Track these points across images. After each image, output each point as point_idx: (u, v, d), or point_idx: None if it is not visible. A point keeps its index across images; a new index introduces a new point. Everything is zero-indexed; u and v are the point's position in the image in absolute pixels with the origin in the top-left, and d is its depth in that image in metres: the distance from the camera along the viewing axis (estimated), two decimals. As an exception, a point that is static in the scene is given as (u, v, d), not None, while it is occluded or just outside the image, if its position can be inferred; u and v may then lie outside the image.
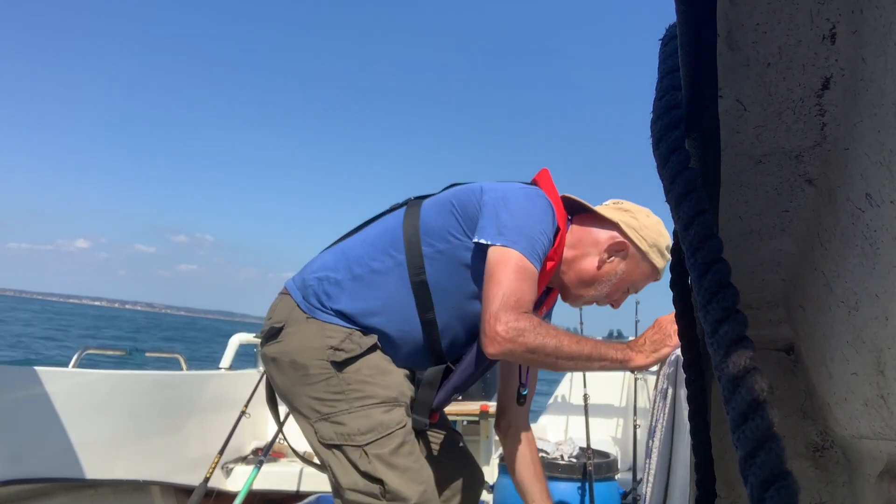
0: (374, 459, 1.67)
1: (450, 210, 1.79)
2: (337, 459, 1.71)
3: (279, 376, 1.80)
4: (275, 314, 1.84)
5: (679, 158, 0.51)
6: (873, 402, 0.61)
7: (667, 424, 2.19)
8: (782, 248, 0.75)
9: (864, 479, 0.78)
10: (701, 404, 0.75)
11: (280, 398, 1.87)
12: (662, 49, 0.62)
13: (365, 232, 1.92)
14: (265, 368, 1.90)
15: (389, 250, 1.80)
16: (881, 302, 0.54)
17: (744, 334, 0.41)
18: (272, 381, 1.87)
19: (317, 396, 1.73)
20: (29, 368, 2.95)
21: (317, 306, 1.78)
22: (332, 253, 1.90)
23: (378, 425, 1.69)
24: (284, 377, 1.78)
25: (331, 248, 1.95)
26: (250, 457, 4.41)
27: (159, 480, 3.55)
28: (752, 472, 0.35)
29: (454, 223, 1.77)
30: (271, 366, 1.82)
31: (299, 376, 1.74)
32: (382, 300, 1.77)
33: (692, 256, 0.46)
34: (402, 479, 1.67)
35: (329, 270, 1.83)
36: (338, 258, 1.86)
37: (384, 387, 1.72)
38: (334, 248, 1.92)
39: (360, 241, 1.88)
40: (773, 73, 0.54)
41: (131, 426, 3.42)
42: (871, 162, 0.49)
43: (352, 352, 1.72)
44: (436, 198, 1.88)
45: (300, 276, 1.89)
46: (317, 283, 1.81)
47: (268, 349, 1.81)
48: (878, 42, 0.45)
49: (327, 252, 1.93)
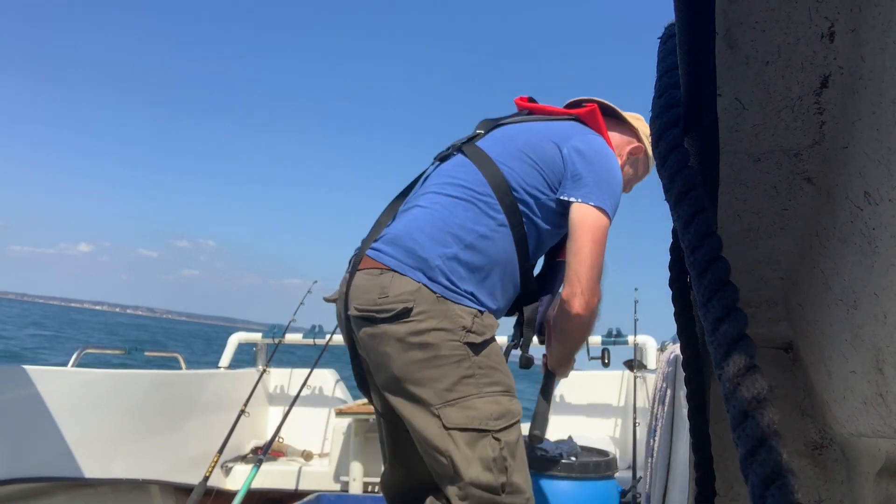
0: (505, 446, 1.66)
1: (531, 165, 1.83)
2: (462, 447, 1.64)
3: (400, 358, 1.68)
4: (393, 292, 1.70)
5: (678, 157, 0.51)
6: (872, 400, 0.61)
7: (666, 423, 2.19)
8: (781, 246, 0.75)
9: (863, 477, 0.78)
10: (700, 403, 0.75)
11: (387, 383, 1.74)
12: (661, 47, 0.62)
13: (445, 192, 1.83)
14: (372, 350, 1.74)
15: (488, 211, 1.79)
16: (880, 300, 0.54)
17: (744, 332, 0.41)
18: (382, 364, 1.72)
19: (445, 380, 1.67)
20: (29, 367, 2.95)
21: (447, 286, 1.71)
22: (426, 222, 1.78)
23: (507, 412, 1.69)
24: (408, 359, 1.68)
25: (410, 211, 1.84)
26: (249, 456, 4.41)
27: (158, 479, 3.55)
28: (752, 470, 0.35)
29: (540, 180, 1.83)
30: (392, 346, 1.69)
31: (428, 357, 1.66)
32: (494, 264, 1.78)
33: (692, 255, 0.46)
34: (521, 472, 1.68)
35: (442, 245, 1.74)
36: (438, 228, 1.76)
37: (507, 375, 1.75)
38: (418, 214, 1.81)
39: (450, 204, 1.79)
40: (771, 71, 0.54)
41: (130, 425, 3.43)
42: (870, 160, 0.49)
43: (483, 335, 1.71)
44: (502, 148, 1.87)
45: (409, 252, 1.74)
46: (442, 262, 1.72)
47: (391, 328, 1.68)
48: (877, 40, 0.45)
49: (415, 220, 1.80)
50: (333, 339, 4.65)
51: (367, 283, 1.75)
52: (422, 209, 1.82)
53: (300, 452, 4.55)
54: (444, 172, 1.90)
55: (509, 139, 1.90)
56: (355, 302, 1.75)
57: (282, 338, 4.77)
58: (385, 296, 1.70)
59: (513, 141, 1.89)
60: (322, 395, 5.15)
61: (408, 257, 1.73)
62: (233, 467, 4.18)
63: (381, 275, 1.73)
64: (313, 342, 4.80)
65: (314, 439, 4.83)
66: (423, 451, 1.71)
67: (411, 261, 1.72)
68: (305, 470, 4.32)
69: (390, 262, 1.74)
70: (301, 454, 4.54)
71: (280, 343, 4.79)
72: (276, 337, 4.82)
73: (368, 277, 1.76)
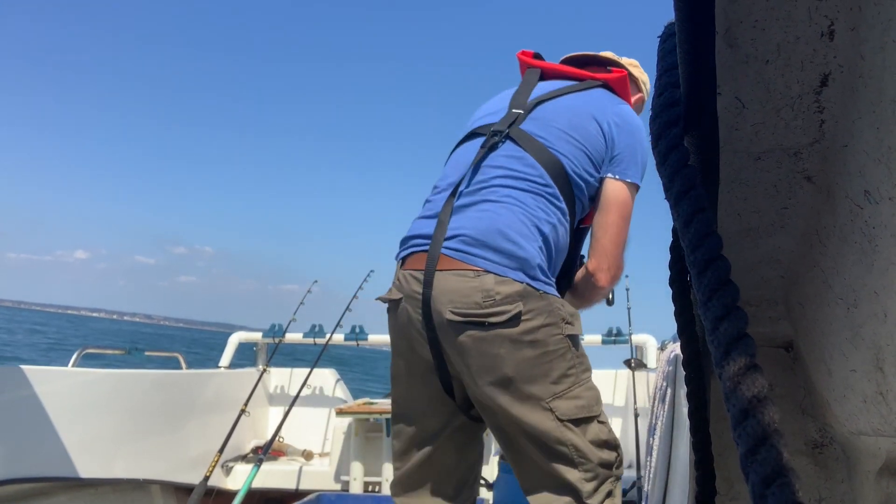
0: (607, 425, 1.75)
1: (579, 148, 1.82)
2: (579, 434, 1.69)
3: (513, 358, 1.66)
4: (500, 295, 1.66)
5: (678, 156, 0.51)
6: (872, 398, 0.61)
7: (666, 422, 2.19)
8: (781, 245, 0.75)
9: (863, 475, 0.78)
10: (700, 401, 0.75)
11: (496, 385, 1.69)
12: (661, 46, 0.62)
13: (511, 185, 1.77)
14: (478, 353, 1.68)
15: (554, 202, 1.78)
16: (880, 299, 0.54)
17: (744, 331, 0.41)
18: (491, 367, 1.68)
19: (553, 373, 1.69)
20: (29, 368, 2.95)
21: (545, 280, 1.72)
22: (510, 218, 1.73)
23: (599, 396, 1.78)
24: (520, 357, 1.67)
25: (480, 207, 1.76)
26: (250, 455, 4.42)
27: (159, 479, 3.56)
28: (753, 469, 0.35)
29: (588, 162, 1.84)
30: (505, 347, 1.66)
31: (539, 354, 1.68)
32: (558, 253, 1.81)
33: (692, 254, 0.46)
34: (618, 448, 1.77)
35: (533, 240, 1.72)
36: (524, 224, 1.73)
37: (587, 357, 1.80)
38: (495, 210, 1.74)
39: (523, 198, 1.75)
40: (771, 70, 0.54)
41: (131, 425, 3.43)
42: (870, 159, 0.49)
43: (574, 323, 1.74)
44: (549, 131, 1.82)
45: (505, 253, 1.69)
46: (539, 257, 1.71)
47: (504, 331, 1.66)
48: (877, 39, 0.45)
49: (496, 218, 1.73)
50: (333, 339, 4.65)
51: (461, 286, 1.68)
52: (496, 204, 1.75)
53: (300, 452, 4.55)
54: (500, 164, 1.81)
55: (552, 120, 1.85)
56: (451, 306, 1.67)
57: (282, 337, 4.78)
58: (491, 299, 1.66)
59: (556, 122, 1.85)
60: (322, 395, 5.16)
61: (504, 258, 1.69)
62: (233, 467, 4.18)
63: (477, 277, 1.68)
64: (313, 342, 4.80)
65: (314, 439, 4.83)
66: (536, 446, 1.71)
67: (511, 262, 1.70)
68: (306, 469, 4.32)
69: (487, 265, 1.69)
70: (301, 454, 4.54)
71: (280, 343, 4.79)
72: (277, 337, 4.82)
73: (462, 280, 1.69)
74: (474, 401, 1.79)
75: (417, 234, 1.82)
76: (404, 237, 1.87)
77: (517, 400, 1.69)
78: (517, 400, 1.69)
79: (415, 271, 1.76)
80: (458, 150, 1.98)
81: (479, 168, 1.83)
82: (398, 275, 1.82)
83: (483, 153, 1.84)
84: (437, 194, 1.88)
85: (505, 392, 1.69)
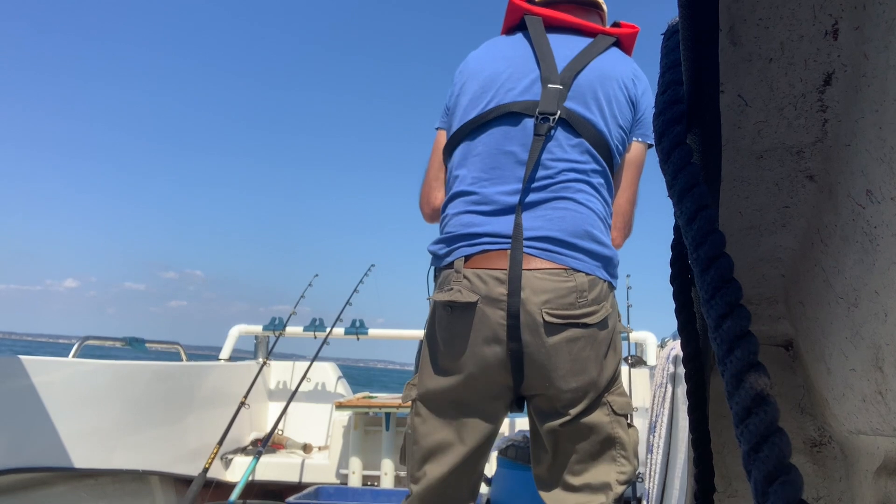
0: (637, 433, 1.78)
1: (617, 123, 1.78)
2: (625, 429, 1.72)
3: (598, 357, 1.65)
4: (591, 295, 1.64)
5: (681, 154, 0.51)
6: (871, 398, 0.62)
7: (666, 419, 2.20)
8: (782, 243, 0.75)
9: (862, 474, 0.79)
10: (700, 399, 0.75)
11: (580, 386, 1.65)
12: (665, 44, 0.62)
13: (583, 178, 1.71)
14: (567, 354, 1.63)
15: (608, 184, 1.78)
16: (880, 298, 0.54)
17: (747, 329, 0.41)
18: (578, 369, 1.64)
19: (613, 368, 1.72)
20: (30, 358, 2.96)
21: (615, 275, 1.74)
22: (590, 216, 1.69)
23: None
24: (600, 355, 1.66)
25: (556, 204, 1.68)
26: (249, 447, 4.43)
27: (158, 470, 3.57)
28: (755, 467, 0.35)
29: (623, 134, 1.81)
30: (595, 348, 1.65)
31: (615, 353, 1.71)
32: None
33: (695, 251, 0.46)
34: None
35: (607, 235, 1.72)
36: (597, 216, 1.70)
37: None
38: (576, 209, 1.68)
39: (595, 193, 1.72)
40: (774, 68, 0.54)
41: (131, 416, 3.43)
42: (872, 158, 0.49)
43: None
44: (592, 108, 1.74)
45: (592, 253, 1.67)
46: (606, 250, 1.69)
47: (593, 332, 1.64)
48: (881, 38, 0.45)
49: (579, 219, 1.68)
50: (333, 333, 4.65)
51: (556, 286, 1.62)
52: (573, 202, 1.69)
53: (300, 445, 4.56)
54: (563, 157, 1.71)
55: (591, 93, 1.76)
56: (546, 307, 1.60)
57: (282, 330, 4.78)
58: (584, 298, 1.62)
59: (595, 96, 1.76)
60: (322, 388, 5.17)
61: (591, 257, 1.67)
62: (232, 459, 4.19)
63: (571, 276, 1.63)
64: (314, 335, 4.81)
65: (314, 432, 4.84)
66: (587, 442, 1.69)
67: (597, 261, 1.68)
68: (305, 462, 4.33)
69: (578, 265, 1.64)
70: (301, 447, 4.55)
71: (280, 335, 4.80)
72: (277, 330, 4.83)
73: (555, 280, 1.62)
74: (542, 400, 1.71)
75: (486, 233, 1.69)
76: (462, 233, 1.73)
77: (592, 400, 1.67)
78: (592, 400, 1.67)
79: (492, 270, 1.65)
80: (493, 131, 1.78)
81: (540, 160, 1.70)
82: (465, 273, 1.68)
83: (540, 143, 1.70)
84: (487, 187, 1.74)
85: (586, 394, 1.66)
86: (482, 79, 1.84)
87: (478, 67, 1.89)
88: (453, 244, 1.73)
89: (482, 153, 1.77)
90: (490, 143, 1.76)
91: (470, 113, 1.82)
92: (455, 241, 1.73)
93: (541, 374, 1.64)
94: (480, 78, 1.85)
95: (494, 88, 1.80)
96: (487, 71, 1.85)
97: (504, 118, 1.76)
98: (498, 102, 1.78)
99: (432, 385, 1.74)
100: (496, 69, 1.83)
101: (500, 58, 1.86)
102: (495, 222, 1.69)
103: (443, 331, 1.72)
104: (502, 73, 1.81)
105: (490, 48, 1.94)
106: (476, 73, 1.88)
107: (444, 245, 1.76)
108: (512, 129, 1.75)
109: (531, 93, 1.76)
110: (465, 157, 1.80)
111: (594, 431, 1.68)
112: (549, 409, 1.70)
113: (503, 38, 1.95)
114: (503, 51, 1.89)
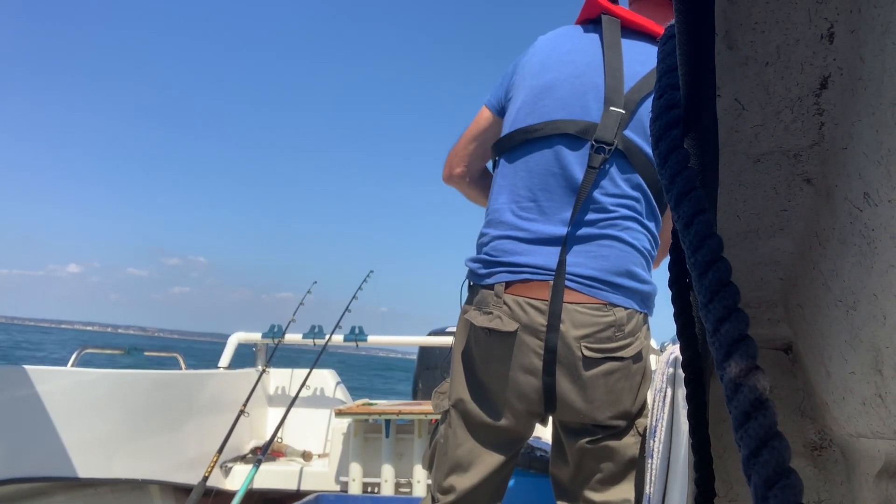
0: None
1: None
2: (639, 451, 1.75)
3: (632, 388, 1.70)
4: (628, 329, 1.64)
5: (678, 157, 0.51)
6: (871, 401, 0.61)
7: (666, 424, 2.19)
8: (780, 247, 0.75)
9: (862, 478, 0.78)
10: (700, 403, 0.75)
11: (615, 415, 1.69)
12: (661, 48, 0.62)
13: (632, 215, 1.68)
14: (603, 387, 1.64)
15: (657, 219, 1.76)
16: (879, 301, 0.54)
17: (745, 333, 0.41)
18: (614, 400, 1.66)
19: (644, 397, 1.75)
20: (28, 367, 2.95)
21: (651, 307, 1.75)
22: (634, 255, 1.66)
23: None
24: (635, 385, 1.71)
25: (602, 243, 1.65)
26: (249, 456, 4.41)
27: (158, 479, 3.55)
28: (755, 471, 0.35)
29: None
30: (630, 379, 1.68)
31: (645, 380, 1.74)
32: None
33: (693, 255, 0.46)
34: None
35: (648, 272, 1.71)
36: (641, 255, 1.68)
37: None
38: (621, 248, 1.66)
39: (642, 230, 1.69)
40: (771, 72, 0.54)
41: (130, 425, 3.42)
42: (870, 161, 0.49)
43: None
44: (646, 137, 1.63)
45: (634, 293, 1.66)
46: (645, 287, 1.69)
47: (627, 364, 1.66)
48: (877, 41, 0.45)
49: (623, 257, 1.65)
50: (332, 340, 4.64)
51: (595, 320, 1.62)
52: (621, 242, 1.66)
53: (300, 453, 4.55)
54: (616, 192, 1.66)
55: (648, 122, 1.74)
56: (585, 341, 1.60)
57: (281, 338, 4.77)
58: (621, 331, 1.63)
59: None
60: (322, 396, 5.15)
61: (632, 294, 1.66)
62: (232, 467, 4.18)
63: (610, 310, 1.62)
64: (313, 343, 4.80)
65: (314, 439, 4.83)
66: (613, 463, 1.71)
67: (636, 297, 1.68)
68: (305, 470, 4.32)
69: (618, 300, 1.63)
70: (301, 454, 4.54)
71: (280, 343, 4.79)
72: (276, 337, 4.82)
73: (594, 314, 1.61)
74: (575, 425, 1.72)
75: (528, 264, 1.66)
76: (502, 260, 1.69)
77: (626, 427, 1.72)
78: (626, 427, 1.72)
79: (533, 300, 1.63)
80: (545, 150, 1.70)
81: (591, 195, 1.65)
82: (505, 299, 1.65)
83: (593, 176, 1.64)
84: (533, 212, 1.69)
85: (619, 422, 1.70)
86: (542, 82, 1.75)
87: (541, 65, 1.78)
88: (493, 268, 1.71)
89: (532, 171, 1.71)
90: (541, 163, 1.70)
91: (523, 118, 1.74)
92: (495, 265, 1.70)
93: (574, 407, 1.67)
94: (541, 80, 1.75)
95: (552, 98, 1.72)
96: (550, 74, 1.75)
97: (558, 137, 1.69)
98: (554, 117, 1.70)
99: (465, 398, 1.74)
100: (559, 75, 1.73)
101: (566, 61, 1.75)
102: (538, 253, 1.66)
103: (480, 350, 1.71)
104: (564, 83, 1.72)
105: (560, 42, 1.82)
106: (538, 72, 1.78)
107: (483, 266, 1.73)
108: (565, 150, 1.68)
109: (591, 113, 1.68)
110: (513, 172, 1.75)
111: (620, 453, 1.71)
112: (580, 428, 1.72)
113: (577, 32, 1.83)
114: (571, 53, 1.77)
